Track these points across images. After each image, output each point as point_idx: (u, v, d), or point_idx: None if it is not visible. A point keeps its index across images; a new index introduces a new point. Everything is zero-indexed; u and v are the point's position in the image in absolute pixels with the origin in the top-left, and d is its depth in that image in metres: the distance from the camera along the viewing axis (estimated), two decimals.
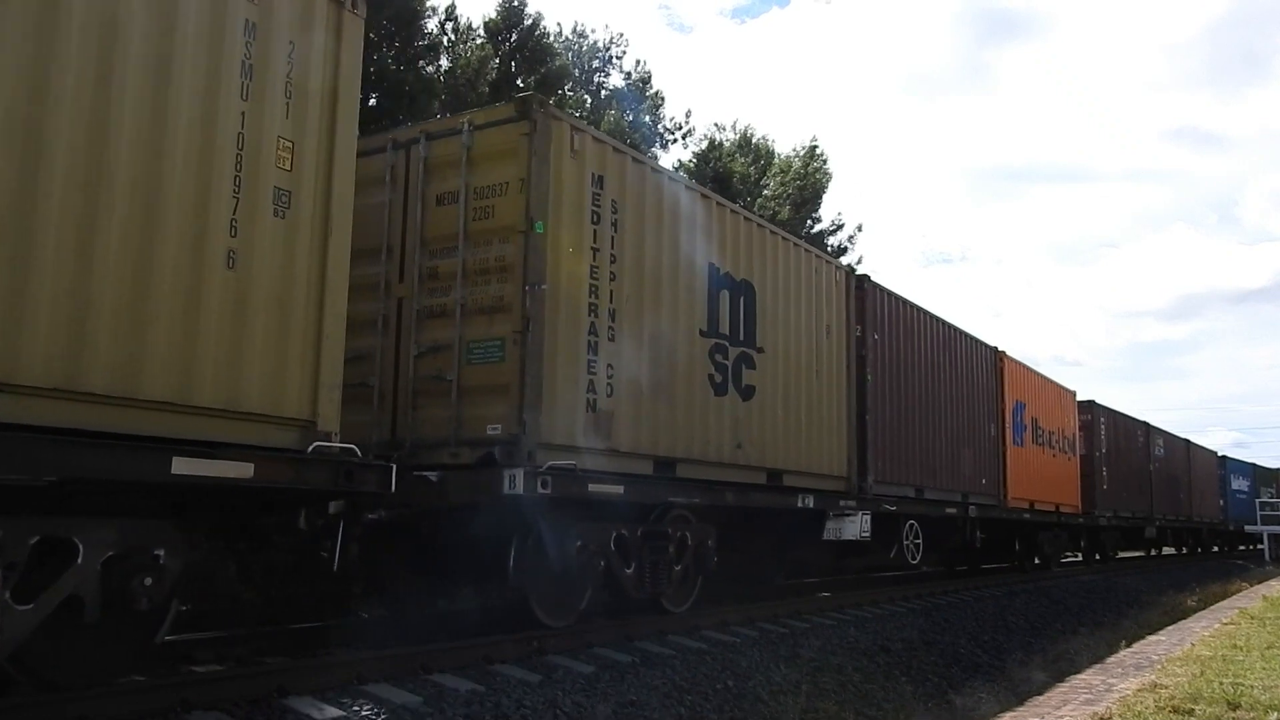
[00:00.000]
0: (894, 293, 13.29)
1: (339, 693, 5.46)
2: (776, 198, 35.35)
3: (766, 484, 9.87)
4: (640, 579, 8.16)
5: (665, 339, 8.45)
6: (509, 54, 28.21)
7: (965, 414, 15.23)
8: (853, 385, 11.71)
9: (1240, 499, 38.87)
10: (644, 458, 8.16)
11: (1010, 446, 17.19)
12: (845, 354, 11.64)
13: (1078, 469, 21.56)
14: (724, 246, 9.39)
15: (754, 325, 9.77)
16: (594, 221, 7.74)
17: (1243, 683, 6.65)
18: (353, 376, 7.62)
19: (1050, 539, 19.87)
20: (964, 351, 15.42)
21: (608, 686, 6.49)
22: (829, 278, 11.35)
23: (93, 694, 4.79)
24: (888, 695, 8.34)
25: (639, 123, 34.64)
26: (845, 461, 11.43)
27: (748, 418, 9.57)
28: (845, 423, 11.49)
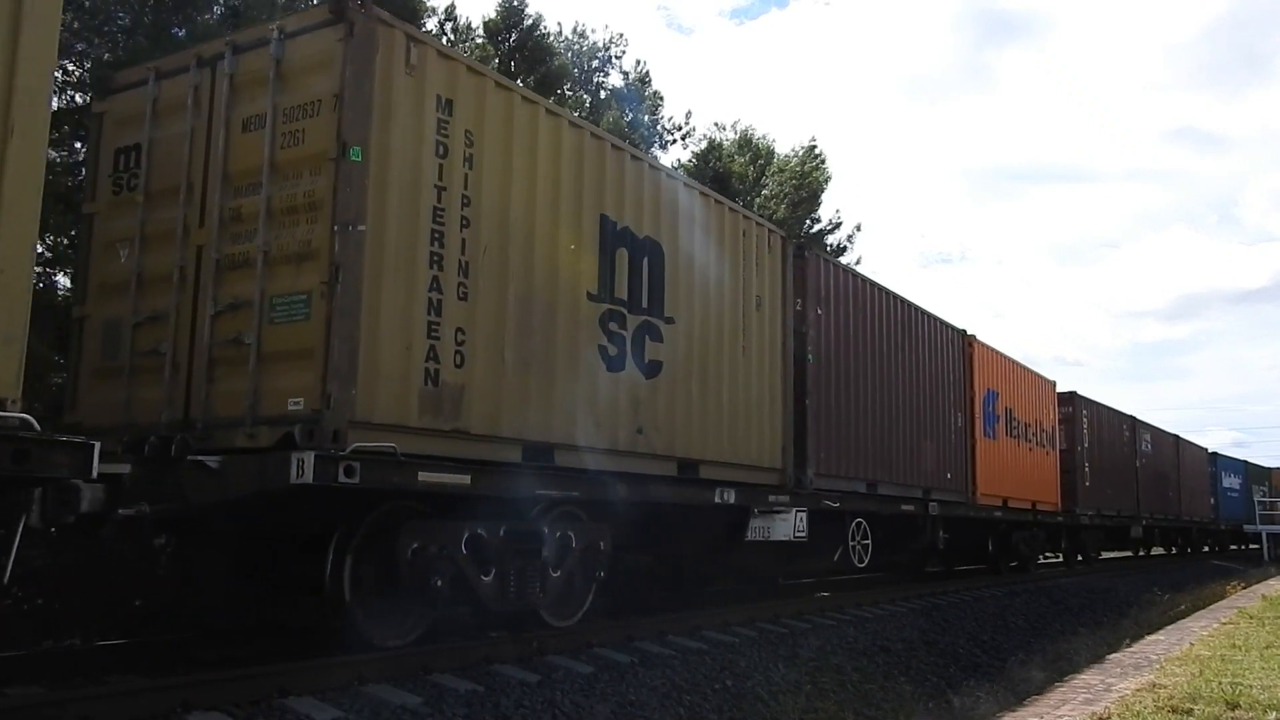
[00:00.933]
0: (842, 265, 11.96)
1: (340, 693, 5.40)
2: (775, 197, 34.66)
3: (678, 476, 8.51)
4: (502, 589, 6.79)
5: (539, 301, 7.08)
6: (508, 54, 27.95)
7: (927, 402, 13.87)
8: (789, 366, 10.34)
9: (1232, 497, 37.61)
10: (508, 442, 6.79)
11: (980, 439, 15.84)
12: (780, 330, 10.28)
13: (1057, 464, 20.21)
14: (622, 198, 8.01)
15: (661, 291, 8.40)
16: (439, 154, 6.36)
17: (1242, 682, 6.62)
18: (144, 343, 6.29)
19: (1026, 539, 18.52)
20: (926, 333, 14.06)
21: (607, 686, 6.44)
22: (760, 243, 9.98)
23: (94, 694, 4.73)
24: (887, 695, 8.27)
25: (638, 122, 34.16)
26: (779, 452, 10.07)
27: (652, 398, 8.20)
28: (780, 408, 10.13)
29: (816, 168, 36.74)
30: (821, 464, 10.81)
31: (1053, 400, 20.34)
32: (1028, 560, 18.78)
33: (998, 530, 17.51)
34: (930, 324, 14.27)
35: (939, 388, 14.32)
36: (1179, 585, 22.26)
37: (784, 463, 10.10)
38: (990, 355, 16.68)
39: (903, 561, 14.75)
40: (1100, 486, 23.00)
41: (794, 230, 31.92)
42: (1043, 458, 19.28)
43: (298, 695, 5.25)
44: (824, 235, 36.40)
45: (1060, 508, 20.19)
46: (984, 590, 14.89)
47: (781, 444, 10.10)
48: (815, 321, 10.92)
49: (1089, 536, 22.70)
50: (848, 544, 11.06)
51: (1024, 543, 18.41)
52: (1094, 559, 23.58)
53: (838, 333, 11.43)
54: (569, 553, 7.42)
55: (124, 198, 6.71)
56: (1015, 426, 17.69)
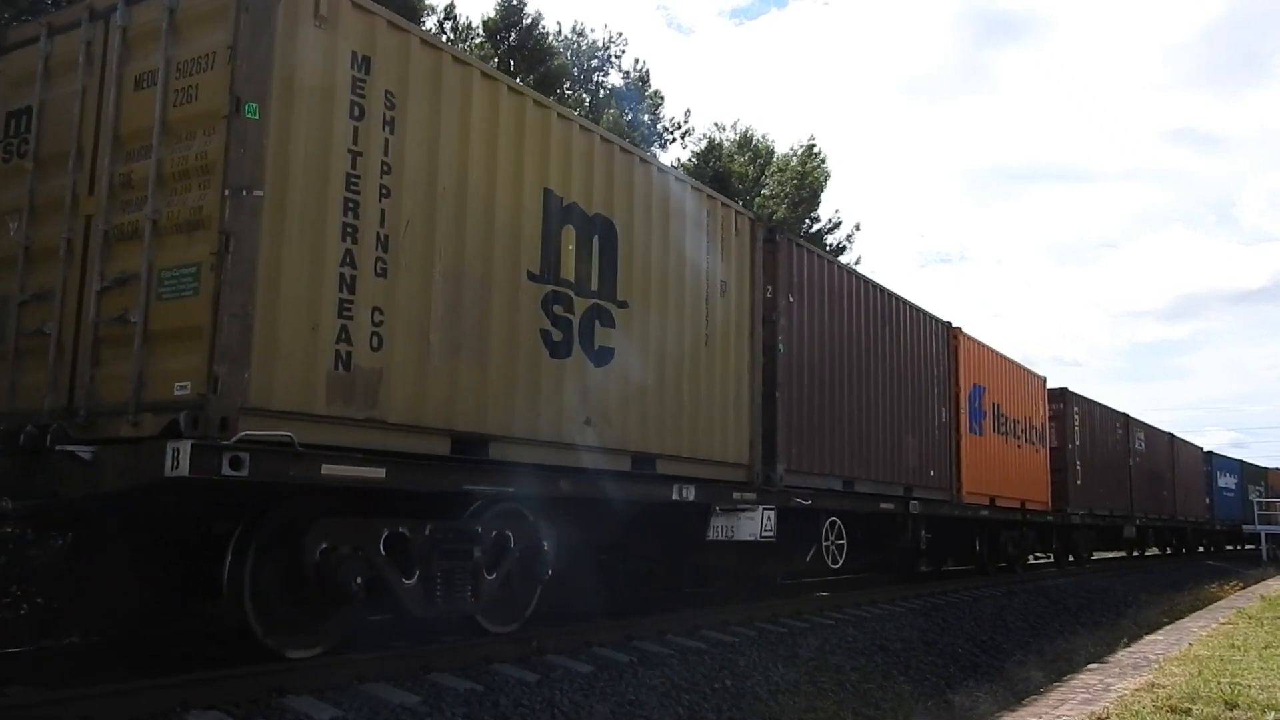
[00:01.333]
0: (817, 251, 11.39)
1: (338, 692, 5.36)
2: (775, 197, 35.25)
3: (632, 471, 7.95)
4: (427, 593, 6.23)
5: (472, 280, 6.51)
6: (508, 53, 28.15)
7: (909, 396, 13.32)
8: (758, 356, 9.78)
9: (1227, 497, 37.10)
10: (434, 433, 6.22)
11: (966, 435, 15.29)
12: (749, 318, 9.72)
13: (1047, 462, 19.67)
14: (569, 172, 7.44)
15: (613, 274, 7.84)
16: (355, 116, 5.79)
17: (1240, 682, 6.63)
18: (30, 322, 5.73)
19: (1015, 539, 17.98)
20: (909, 325, 13.51)
21: (606, 686, 6.41)
22: (726, 225, 9.42)
23: (94, 694, 4.71)
24: (886, 695, 8.24)
25: (638, 122, 34.67)
26: (746, 447, 9.51)
27: (603, 388, 7.64)
28: (747, 401, 9.57)
29: (816, 167, 36.95)
30: (793, 460, 10.25)
31: (1043, 397, 19.80)
32: (1016, 561, 18.25)
33: (985, 530, 16.98)
34: (913, 315, 13.72)
35: (922, 381, 13.77)
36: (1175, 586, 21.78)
37: (751, 458, 9.54)
38: (977, 349, 16.14)
39: (883, 562, 14.19)
40: (1092, 485, 22.47)
41: (794, 229, 31.79)
42: (1032, 455, 18.74)
43: (296, 694, 5.21)
44: (823, 235, 36.94)
45: (1050, 507, 19.64)
46: (982, 590, 14.73)
47: (749, 439, 9.54)
48: (787, 310, 10.36)
49: (1080, 537, 22.15)
50: (821, 544, 10.50)
51: (1012, 543, 17.87)
52: (1085, 560, 23.04)
53: (812, 322, 10.87)
54: (507, 553, 6.86)
55: (13, 165, 6.13)
56: (1003, 423, 17.14)
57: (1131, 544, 28.25)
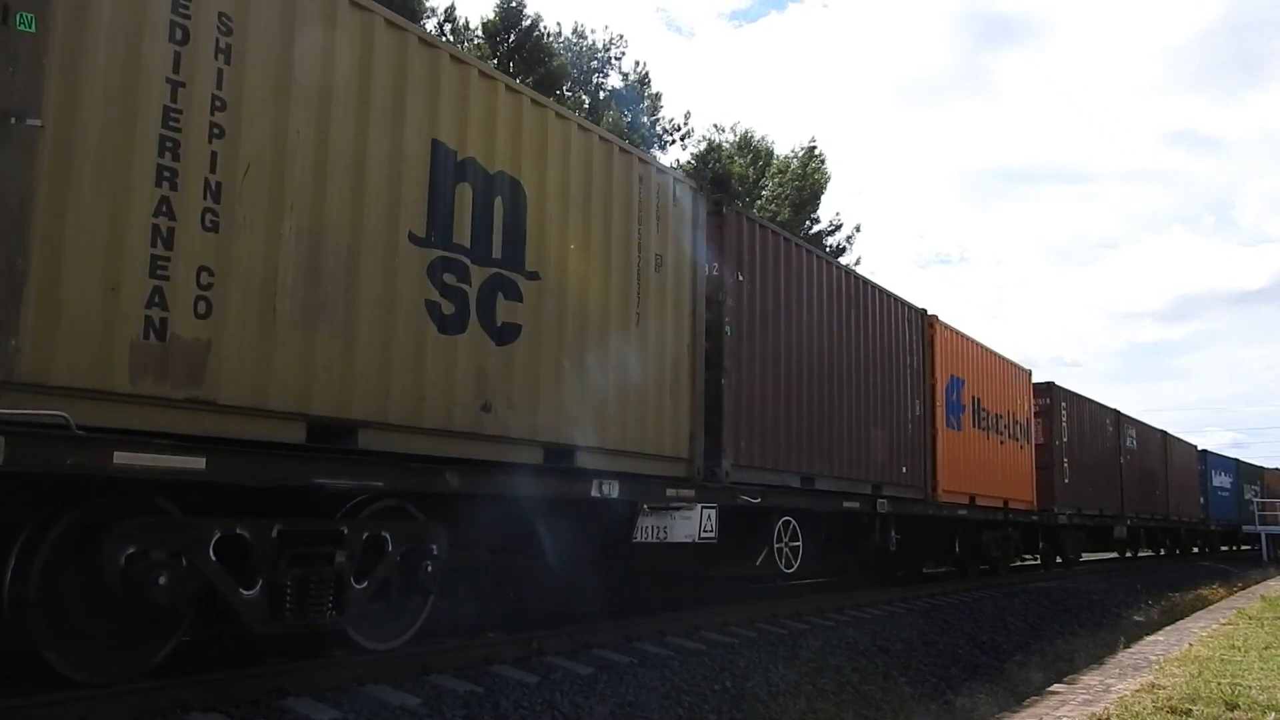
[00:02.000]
0: (772, 227, 10.47)
1: (338, 694, 5.35)
2: (775, 198, 35.49)
3: (544, 465, 7.03)
4: (273, 605, 5.30)
5: (334, 240, 5.59)
6: (507, 54, 28.26)
7: (879, 386, 12.42)
8: (700, 339, 8.86)
9: (1223, 496, 36.23)
10: (283, 417, 5.29)
11: (942, 430, 14.39)
12: (690, 296, 8.80)
13: (1032, 459, 18.76)
14: (465, 123, 6.52)
15: (521, 241, 6.92)
16: (175, 39, 4.87)
17: (1241, 683, 6.62)
18: None
19: (998, 540, 17.07)
20: (879, 311, 12.60)
21: (606, 687, 6.42)
22: (663, 193, 8.50)
23: (93, 694, 4.66)
24: (887, 696, 8.24)
25: (638, 123, 34.87)
26: (686, 439, 8.59)
27: (506, 370, 6.72)
28: (687, 388, 8.65)
29: (817, 169, 36.84)
30: (742, 454, 9.34)
31: (1027, 390, 18.90)
32: (999, 563, 17.34)
33: (966, 531, 16.08)
34: (883, 301, 12.81)
35: (893, 372, 12.87)
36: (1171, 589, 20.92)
37: (693, 452, 8.62)
38: (954, 339, 15.23)
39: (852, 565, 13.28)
40: (1081, 484, 21.56)
41: (795, 231, 31.31)
42: (1016, 452, 17.83)
43: (296, 696, 5.19)
44: (824, 236, 36.98)
45: (1036, 506, 18.74)
46: (982, 591, 14.69)
47: (689, 430, 8.62)
48: (736, 289, 9.45)
49: (1068, 537, 21.24)
50: (773, 546, 9.58)
51: (995, 544, 16.97)
52: (1074, 562, 22.13)
53: (765, 303, 9.96)
54: (383, 558, 5.94)
55: None
56: (984, 418, 16.24)
57: (1123, 545, 27.39)
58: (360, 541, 5.76)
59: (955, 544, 16.08)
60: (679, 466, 8.48)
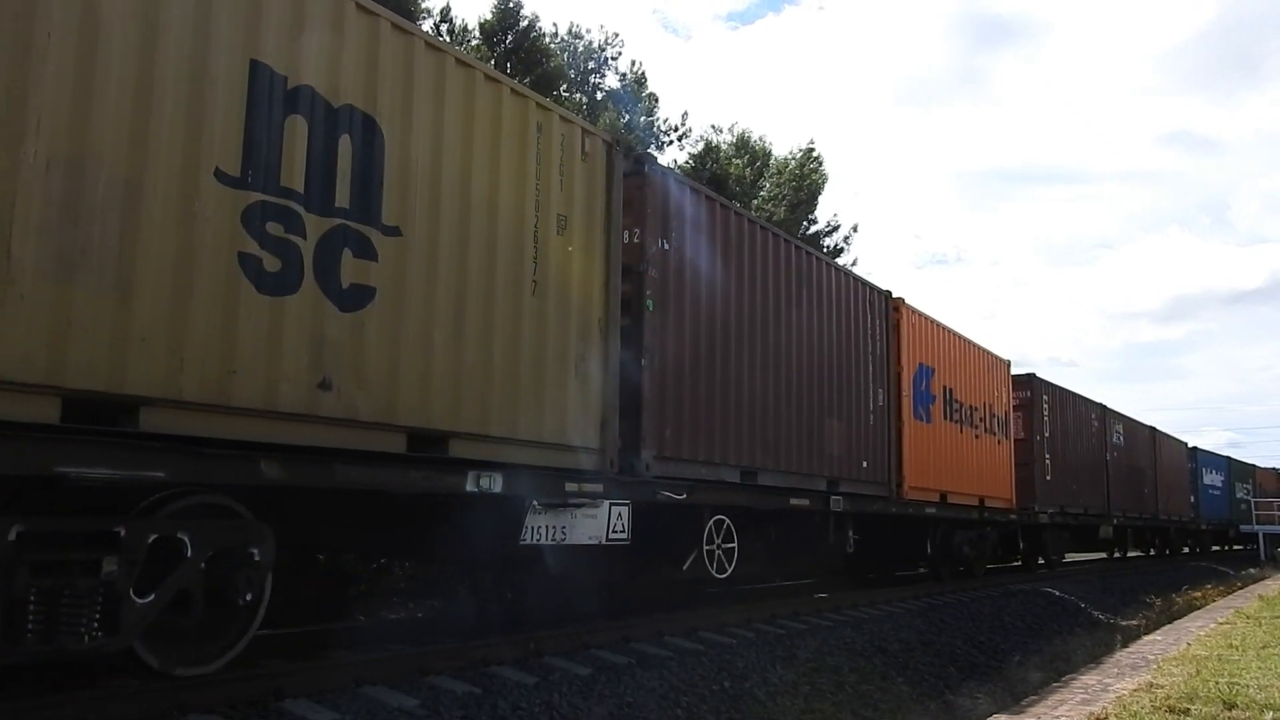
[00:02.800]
0: (706, 191, 9.40)
1: (336, 695, 5.34)
2: (773, 199, 35.30)
3: (408, 453, 5.95)
4: (12, 626, 4.22)
5: (100, 173, 4.50)
6: (504, 55, 28.13)
7: (835, 373, 11.37)
8: (615, 313, 7.80)
9: (1214, 495, 35.30)
10: (25, 391, 4.22)
11: (909, 422, 13.35)
12: (602, 264, 7.74)
13: (1011, 455, 17.75)
14: (299, 44, 5.44)
15: (377, 190, 5.84)
16: None
17: (1239, 682, 6.65)
18: None
19: (972, 540, 16.04)
20: (835, 291, 11.55)
21: (604, 688, 6.42)
22: (568, 145, 7.43)
23: (89, 696, 4.66)
24: (885, 696, 8.22)
25: (635, 123, 34.53)
26: (597, 427, 7.53)
27: (356, 341, 5.64)
28: (598, 369, 7.59)
29: (814, 170, 36.57)
30: (667, 444, 8.28)
31: (1006, 382, 17.87)
32: (975, 565, 16.29)
33: (939, 530, 15.04)
34: (841, 280, 11.77)
35: (852, 357, 11.82)
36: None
37: (604, 441, 7.56)
38: (924, 324, 14.19)
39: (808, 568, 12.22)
40: (1064, 481, 20.56)
41: (792, 231, 30.76)
42: (993, 447, 16.81)
43: (294, 697, 5.20)
44: (821, 237, 36.58)
45: (1015, 505, 17.72)
46: (980, 591, 14.65)
47: (600, 417, 7.56)
48: (659, 258, 8.39)
49: (1050, 537, 20.22)
50: (703, 548, 8.52)
51: (969, 544, 15.93)
52: (1057, 563, 21.11)
53: (697, 276, 8.90)
54: (179, 565, 4.86)
55: None
56: (957, 410, 15.21)
57: (1110, 545, 26.40)
58: (144, 546, 4.68)
59: (927, 544, 15.06)
60: (587, 458, 7.41)
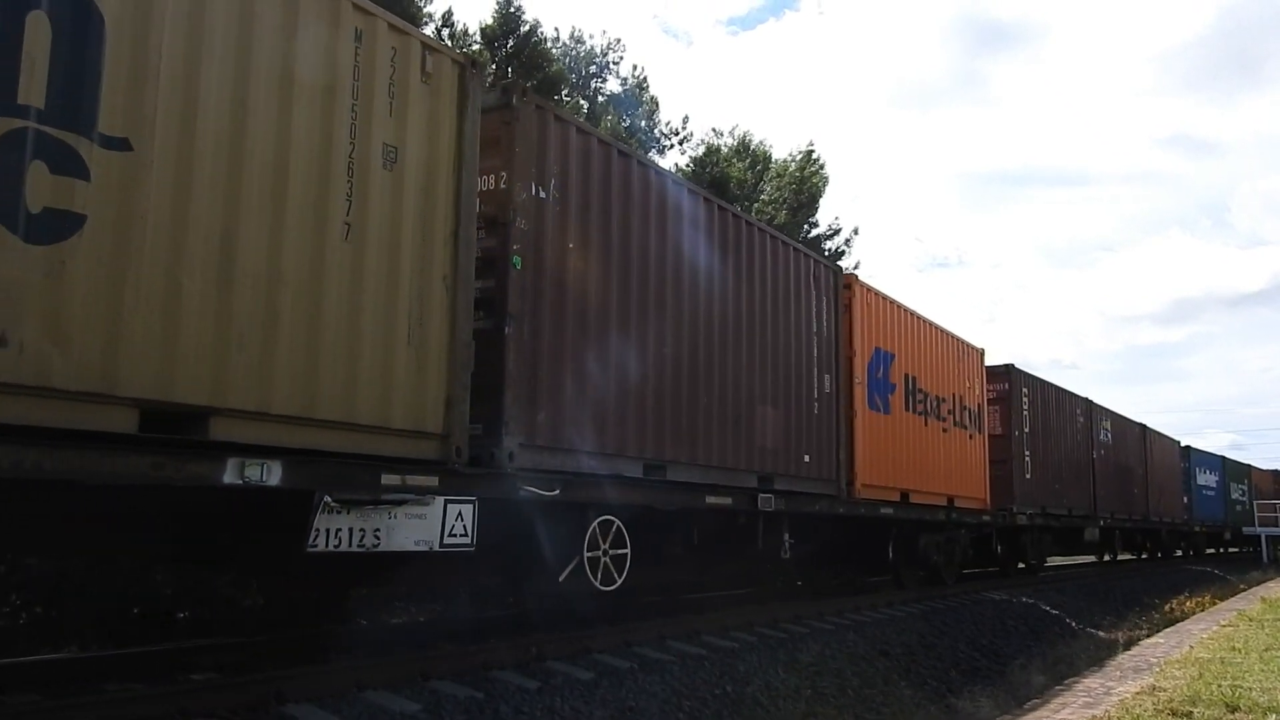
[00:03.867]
0: (599, 135, 8.01)
1: (338, 699, 5.33)
2: (774, 202, 35.45)
3: (139, 434, 4.57)
4: None
5: None
6: (505, 59, 28.35)
7: (771, 354, 10.00)
8: (465, 270, 6.42)
9: (1208, 496, 33.95)
10: None
11: (863, 412, 11.99)
12: (450, 210, 6.34)
13: (985, 451, 16.38)
14: None
15: (94, 87, 4.45)
16: None
17: (1241, 685, 6.64)
18: None
19: (939, 543, 14.65)
20: (773, 262, 10.18)
21: (606, 692, 6.37)
22: (402, 63, 6.03)
23: (91, 702, 4.71)
24: (887, 700, 8.24)
25: (636, 127, 34.97)
26: (438, 406, 6.13)
27: (51, 280, 4.26)
28: (441, 336, 6.20)
29: (815, 173, 36.80)
30: (540, 430, 6.91)
31: (979, 373, 16.49)
32: (943, 570, 14.90)
33: (902, 532, 13.67)
34: (780, 252, 10.40)
35: (792, 337, 10.45)
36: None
37: (448, 425, 6.17)
38: (882, 305, 12.82)
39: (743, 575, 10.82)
40: (1046, 480, 19.20)
41: (793, 234, 30.96)
42: (964, 442, 15.44)
43: (295, 702, 5.18)
44: (822, 240, 37.11)
45: (990, 505, 16.36)
46: (982, 595, 14.57)
47: (443, 394, 6.17)
48: (535, 209, 7.01)
49: (1030, 540, 18.82)
50: (583, 555, 7.13)
51: (937, 549, 14.55)
52: (1038, 567, 19.72)
53: (587, 233, 7.53)
54: None
55: None
56: (922, 400, 13.84)
57: (1097, 548, 25.04)
58: None
59: (889, 548, 13.69)
60: (424, 445, 6.03)
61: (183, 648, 6.29)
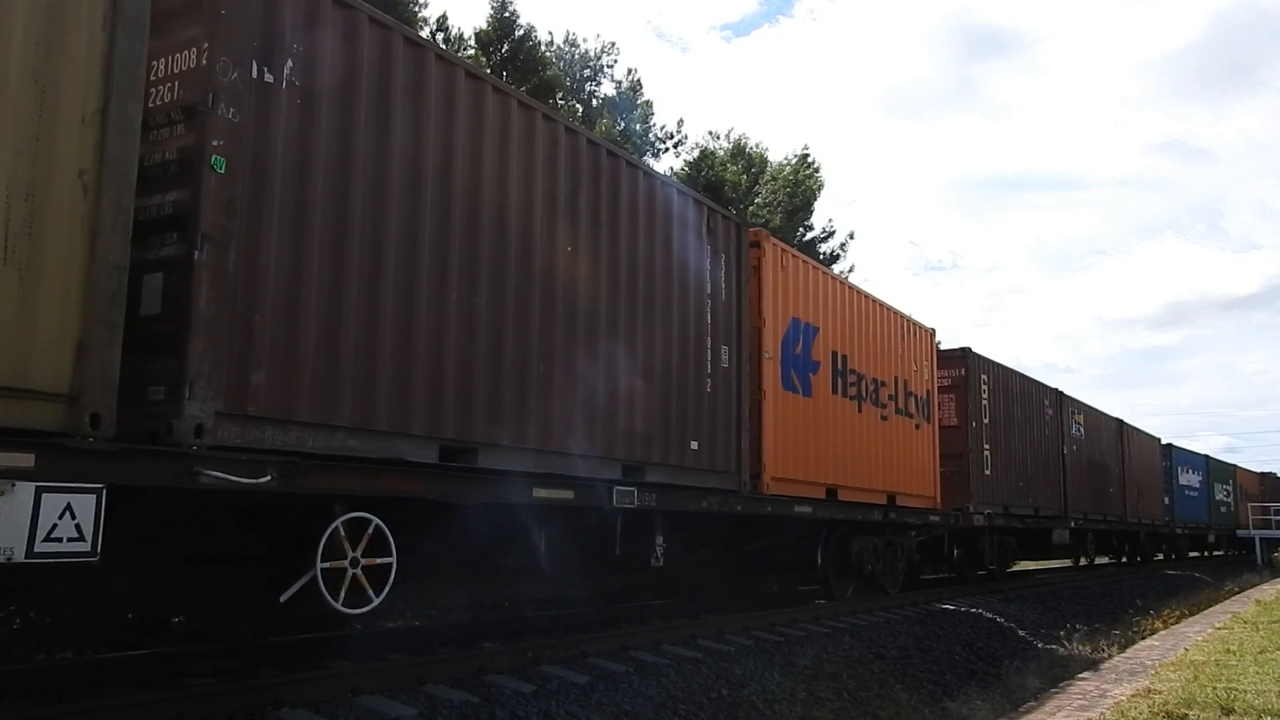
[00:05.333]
0: (373, 12, 6.12)
1: (334, 705, 5.33)
2: (769, 205, 35.41)
3: None
4: None
5: None
6: (500, 64, 28.38)
7: (641, 317, 8.15)
8: (118, 169, 4.50)
9: (1191, 496, 32.25)
10: None
11: (776, 392, 10.16)
12: (97, 86, 4.46)
13: (935, 444, 14.58)
14: None
15: None
16: None
17: (1236, 687, 6.67)
18: None
19: (877, 548, 12.82)
20: (645, 202, 8.32)
21: (602, 696, 6.34)
22: None
23: (87, 709, 4.69)
24: (884, 703, 8.21)
25: (631, 130, 35.03)
26: (63, 352, 4.25)
27: None
28: (70, 253, 4.32)
29: (810, 176, 36.79)
30: (258, 395, 5.04)
31: (929, 355, 14.69)
32: (881, 577, 13.06)
33: (831, 536, 11.85)
34: (656, 191, 8.55)
35: (675, 299, 8.60)
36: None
37: (78, 380, 4.28)
38: (803, 270, 10.99)
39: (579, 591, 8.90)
40: (1009, 477, 17.43)
41: (788, 238, 30.24)
42: (909, 433, 13.63)
43: (291, 707, 5.17)
44: (817, 243, 37.02)
45: (941, 503, 14.56)
46: (979, 598, 14.50)
47: (75, 337, 4.29)
48: (248, 95, 5.13)
49: (990, 543, 17.03)
50: (318, 567, 5.24)
51: (874, 553, 12.72)
52: (1000, 573, 17.91)
53: (349, 139, 5.66)
54: None
55: None
56: (855, 383, 12.02)
57: (1072, 552, 23.30)
58: None
59: (817, 553, 11.86)
60: (30, 409, 4.15)
61: (179, 653, 6.23)
